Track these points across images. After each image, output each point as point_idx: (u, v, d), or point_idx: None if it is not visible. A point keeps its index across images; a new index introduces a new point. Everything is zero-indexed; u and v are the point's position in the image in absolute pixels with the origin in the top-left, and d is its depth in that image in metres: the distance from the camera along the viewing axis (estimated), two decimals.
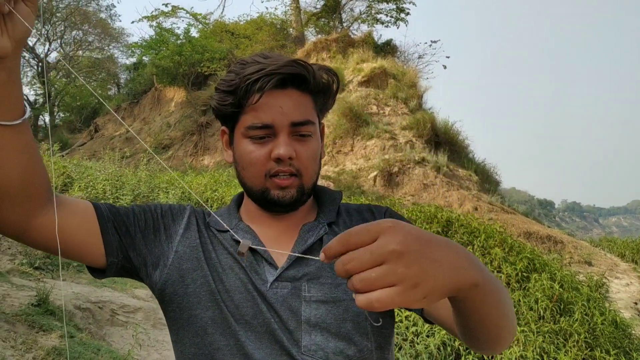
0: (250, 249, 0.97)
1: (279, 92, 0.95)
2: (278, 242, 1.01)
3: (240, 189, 1.08)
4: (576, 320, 4.66)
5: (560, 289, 4.99)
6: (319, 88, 1.00)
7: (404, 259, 0.57)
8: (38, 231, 0.88)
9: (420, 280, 0.58)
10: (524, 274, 5.30)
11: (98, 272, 0.99)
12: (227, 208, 1.10)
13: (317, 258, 0.68)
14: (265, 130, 0.95)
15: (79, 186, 7.53)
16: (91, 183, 7.44)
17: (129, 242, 0.98)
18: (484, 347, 0.85)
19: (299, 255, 0.95)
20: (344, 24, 20.42)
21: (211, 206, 8.25)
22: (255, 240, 0.99)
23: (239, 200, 1.11)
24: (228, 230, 1.01)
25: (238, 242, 0.98)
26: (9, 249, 5.87)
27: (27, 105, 0.83)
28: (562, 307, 4.87)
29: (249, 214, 1.06)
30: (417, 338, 4.12)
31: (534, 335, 4.40)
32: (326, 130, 1.23)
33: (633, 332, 5.06)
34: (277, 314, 0.93)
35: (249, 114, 0.96)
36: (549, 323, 4.62)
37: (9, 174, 0.82)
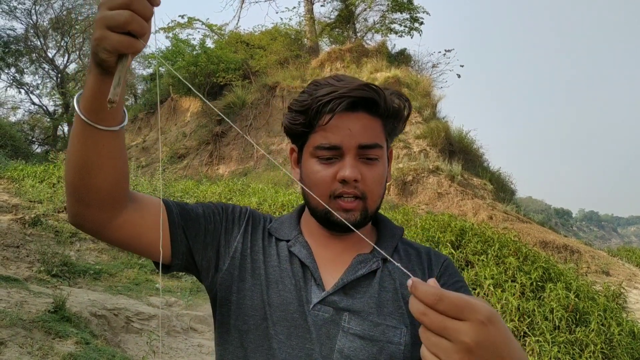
0: (303, 265, 1.00)
1: (349, 114, 0.96)
2: (330, 265, 1.02)
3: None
4: (592, 330, 4.60)
5: (576, 299, 4.93)
6: (390, 112, 1.00)
7: (471, 355, 0.58)
8: (116, 230, 0.92)
9: None
10: (539, 283, 5.25)
11: (163, 267, 1.02)
12: (290, 217, 1.12)
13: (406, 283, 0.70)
14: (333, 151, 0.97)
15: None
16: None
17: (195, 247, 1.01)
18: None
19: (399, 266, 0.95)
20: (358, 34, 20.48)
21: None
22: (310, 257, 1.01)
23: (300, 212, 1.13)
24: (287, 240, 1.05)
25: (293, 255, 1.02)
26: (27, 256, 5.97)
27: (125, 112, 0.87)
28: (577, 317, 4.81)
29: (308, 229, 1.08)
30: None
31: (549, 345, 4.35)
32: None
33: None
34: (313, 337, 0.94)
35: (318, 133, 0.98)
36: (565, 333, 4.57)
37: (107, 177, 0.86)
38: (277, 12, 45.11)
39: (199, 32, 21.80)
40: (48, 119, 26.71)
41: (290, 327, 0.95)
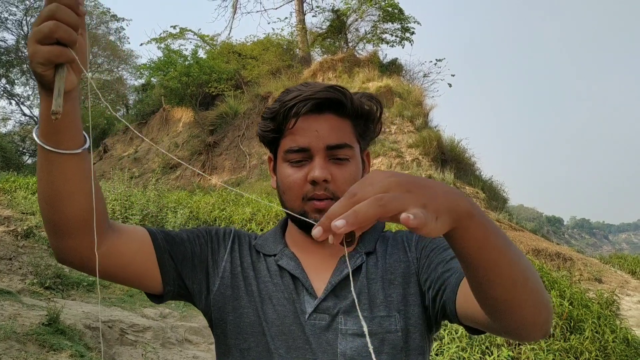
0: (293, 276, 1.00)
1: (316, 116, 0.97)
2: (319, 271, 1.02)
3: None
4: (587, 338, 4.62)
5: (570, 307, 4.95)
6: (358, 113, 1.01)
7: (403, 186, 0.56)
8: (101, 260, 0.90)
9: (425, 200, 0.56)
10: None
11: (155, 297, 1.02)
12: (274, 231, 1.12)
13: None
14: (302, 153, 0.98)
15: None
16: None
17: (184, 271, 1.01)
18: (505, 317, 0.72)
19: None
20: (350, 44, 20.61)
21: (219, 225, 8.28)
22: (298, 268, 1.01)
23: (284, 225, 1.13)
24: (273, 255, 1.04)
25: (282, 268, 1.02)
26: (20, 268, 5.92)
27: (85, 134, 0.87)
28: (572, 324, 4.83)
29: (292, 240, 1.07)
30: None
31: (544, 353, 4.37)
32: None
33: None
34: (313, 347, 0.94)
35: (287, 138, 0.99)
36: (559, 341, 4.58)
37: (78, 202, 0.85)
38: (269, 23, 45.36)
39: (191, 42, 21.83)
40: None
41: (289, 340, 0.95)
